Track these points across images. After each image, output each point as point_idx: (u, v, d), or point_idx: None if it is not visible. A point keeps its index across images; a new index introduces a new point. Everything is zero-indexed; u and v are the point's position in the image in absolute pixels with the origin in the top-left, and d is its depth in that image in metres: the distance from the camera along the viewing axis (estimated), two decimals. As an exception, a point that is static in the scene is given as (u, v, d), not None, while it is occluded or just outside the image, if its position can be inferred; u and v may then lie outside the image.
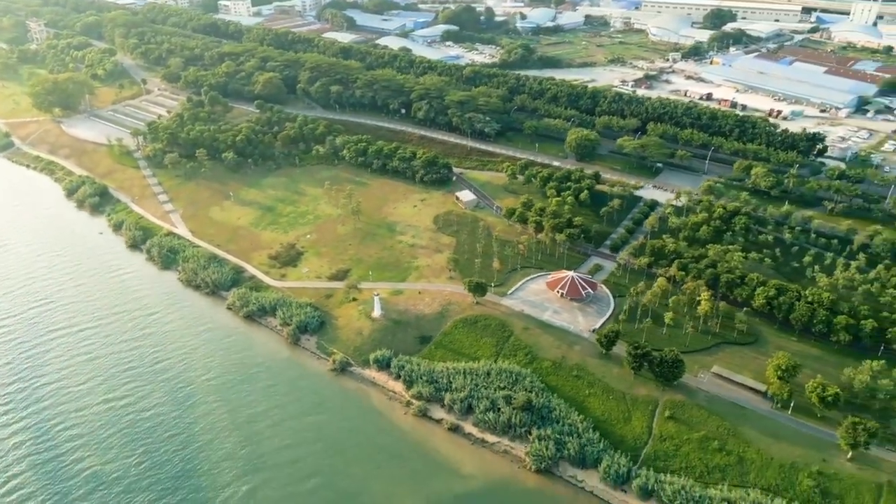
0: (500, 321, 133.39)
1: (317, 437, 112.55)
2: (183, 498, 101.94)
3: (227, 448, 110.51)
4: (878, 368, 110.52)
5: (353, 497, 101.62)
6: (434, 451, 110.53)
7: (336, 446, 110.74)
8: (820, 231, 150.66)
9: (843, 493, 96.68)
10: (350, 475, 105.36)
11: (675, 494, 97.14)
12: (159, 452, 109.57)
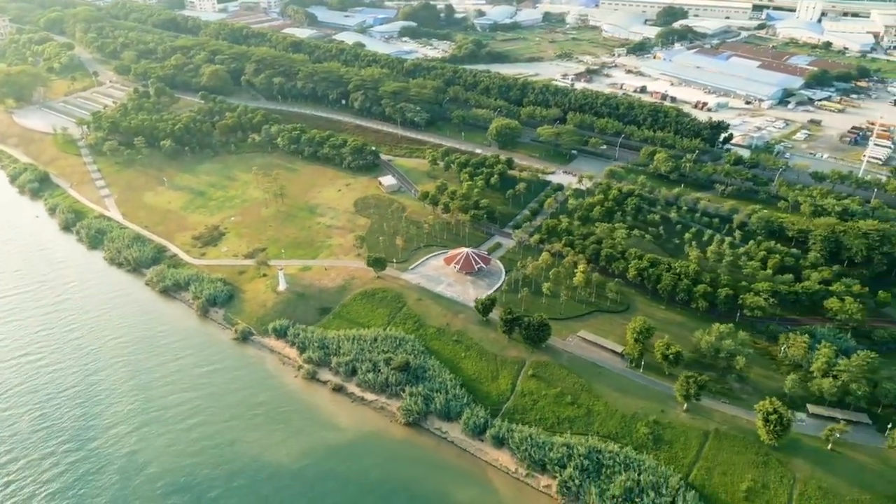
0: (396, 293, 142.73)
1: (208, 394, 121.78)
2: (74, 434, 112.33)
3: (122, 398, 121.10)
4: (724, 331, 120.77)
5: (230, 443, 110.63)
6: (316, 409, 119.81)
7: (223, 401, 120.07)
8: (706, 211, 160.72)
9: (673, 440, 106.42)
10: (231, 426, 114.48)
11: (521, 441, 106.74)
12: (59, 399, 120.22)
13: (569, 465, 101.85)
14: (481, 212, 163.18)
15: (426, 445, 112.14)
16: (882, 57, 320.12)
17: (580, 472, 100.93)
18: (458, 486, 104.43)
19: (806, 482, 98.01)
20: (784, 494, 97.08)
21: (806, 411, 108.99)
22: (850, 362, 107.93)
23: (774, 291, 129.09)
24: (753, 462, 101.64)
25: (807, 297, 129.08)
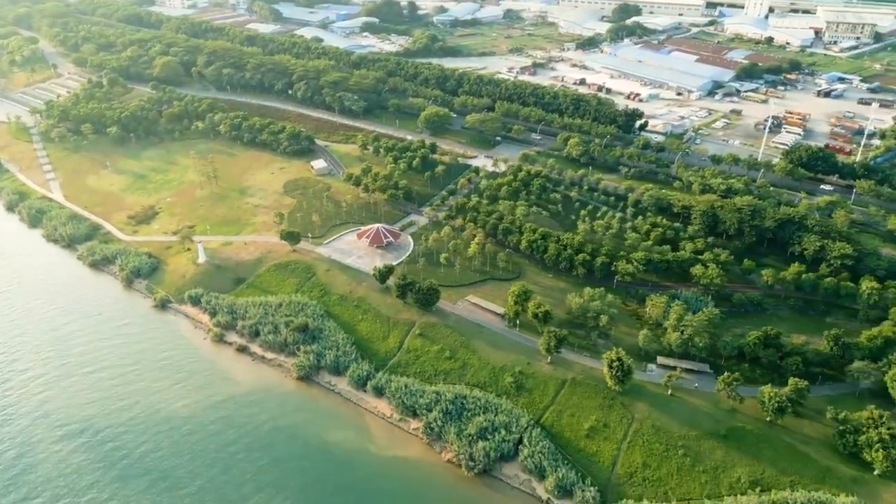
0: (307, 265, 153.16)
1: (120, 352, 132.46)
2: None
3: (40, 351, 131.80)
4: (594, 294, 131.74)
5: (132, 393, 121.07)
6: (218, 366, 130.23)
7: (133, 358, 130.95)
8: (605, 190, 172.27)
9: (534, 387, 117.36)
10: (137, 379, 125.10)
11: (397, 390, 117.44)
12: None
13: (435, 410, 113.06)
14: (399, 192, 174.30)
15: (315, 396, 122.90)
16: (820, 51, 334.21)
17: (444, 415, 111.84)
18: (338, 429, 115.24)
19: (642, 421, 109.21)
20: (621, 431, 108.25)
21: (655, 362, 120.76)
22: (694, 318, 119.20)
23: (648, 260, 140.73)
24: (600, 405, 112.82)
25: (678, 265, 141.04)
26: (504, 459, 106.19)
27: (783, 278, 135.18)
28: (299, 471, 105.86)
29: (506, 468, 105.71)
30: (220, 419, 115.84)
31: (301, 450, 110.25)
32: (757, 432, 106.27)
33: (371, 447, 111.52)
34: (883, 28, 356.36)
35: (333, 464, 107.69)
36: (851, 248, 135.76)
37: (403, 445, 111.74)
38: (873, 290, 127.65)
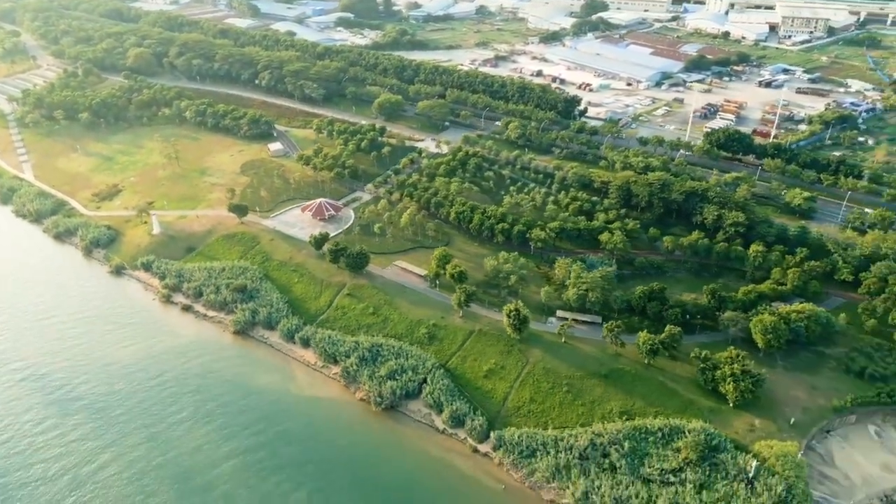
0: (253, 235, 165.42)
1: (72, 310, 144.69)
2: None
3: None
4: (508, 258, 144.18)
5: (80, 342, 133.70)
6: (163, 322, 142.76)
7: (85, 315, 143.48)
8: (536, 169, 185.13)
9: (444, 337, 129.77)
10: (86, 331, 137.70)
11: (321, 340, 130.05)
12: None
13: (352, 356, 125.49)
14: (345, 170, 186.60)
15: (249, 347, 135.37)
16: (773, 45, 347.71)
17: (360, 361, 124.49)
18: (265, 374, 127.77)
19: (535, 364, 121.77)
20: (515, 373, 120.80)
21: (555, 316, 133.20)
22: (589, 276, 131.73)
23: (562, 228, 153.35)
24: (500, 351, 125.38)
25: (588, 233, 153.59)
26: (409, 397, 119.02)
27: (682, 244, 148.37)
28: (223, 404, 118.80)
29: (410, 404, 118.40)
30: (157, 364, 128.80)
31: (228, 388, 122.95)
32: (634, 372, 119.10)
33: (293, 388, 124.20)
34: (836, 23, 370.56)
35: (257, 400, 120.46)
36: (745, 216, 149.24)
37: (323, 387, 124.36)
38: (759, 253, 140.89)
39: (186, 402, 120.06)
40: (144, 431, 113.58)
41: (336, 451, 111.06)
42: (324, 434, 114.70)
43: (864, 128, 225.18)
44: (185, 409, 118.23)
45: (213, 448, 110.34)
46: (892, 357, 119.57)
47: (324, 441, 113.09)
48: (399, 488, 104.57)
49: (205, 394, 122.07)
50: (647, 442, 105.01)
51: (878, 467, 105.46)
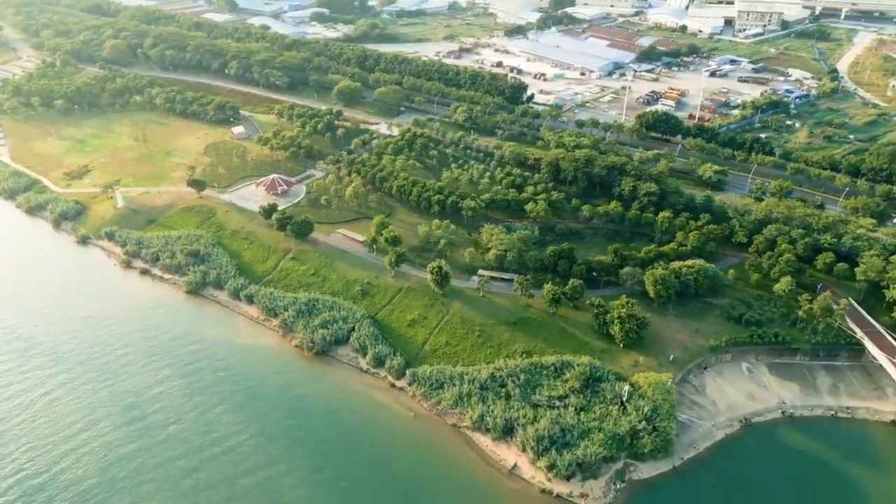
0: (210, 208, 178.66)
1: (38, 274, 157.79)
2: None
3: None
4: (440, 225, 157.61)
5: (44, 301, 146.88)
6: (122, 284, 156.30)
7: (48, 277, 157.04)
8: (478, 148, 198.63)
9: (376, 293, 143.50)
10: (50, 292, 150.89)
11: (263, 297, 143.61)
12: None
13: (290, 310, 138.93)
14: (300, 150, 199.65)
15: (199, 304, 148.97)
16: (727, 38, 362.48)
17: (297, 313, 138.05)
18: (212, 326, 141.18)
19: (454, 314, 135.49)
20: (435, 321, 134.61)
21: (477, 274, 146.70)
22: (507, 238, 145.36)
23: (493, 199, 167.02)
24: (424, 304, 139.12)
25: (517, 204, 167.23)
26: (338, 343, 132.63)
27: (598, 212, 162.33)
28: (169, 350, 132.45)
29: (339, 350, 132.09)
30: (113, 318, 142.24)
31: (177, 337, 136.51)
32: (539, 320, 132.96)
33: (237, 338, 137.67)
34: (790, 17, 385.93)
35: (202, 346, 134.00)
36: (657, 187, 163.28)
37: (263, 337, 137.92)
38: (665, 219, 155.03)
39: (138, 347, 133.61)
40: (96, 368, 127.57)
41: (272, 388, 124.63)
42: (261, 374, 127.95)
43: (794, 112, 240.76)
44: (136, 353, 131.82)
45: (155, 383, 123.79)
46: (769, 306, 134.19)
47: (261, 380, 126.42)
48: (325, 418, 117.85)
49: (155, 342, 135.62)
50: (540, 375, 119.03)
51: (743, 396, 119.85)
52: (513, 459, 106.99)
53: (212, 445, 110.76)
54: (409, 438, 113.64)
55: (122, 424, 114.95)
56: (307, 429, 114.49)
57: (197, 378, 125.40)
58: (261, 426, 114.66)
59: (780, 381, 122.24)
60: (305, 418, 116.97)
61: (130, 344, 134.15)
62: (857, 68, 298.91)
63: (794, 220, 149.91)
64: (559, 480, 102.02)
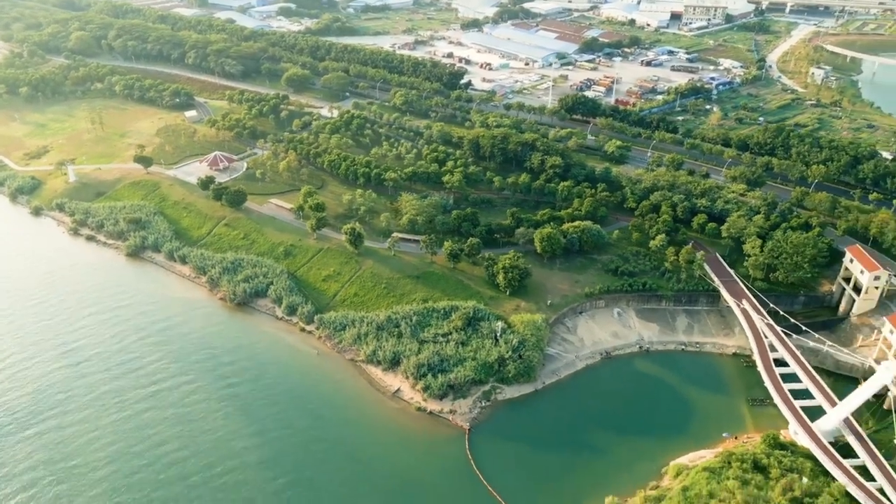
0: (155, 182, 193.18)
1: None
2: None
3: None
4: (363, 194, 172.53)
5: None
6: (68, 249, 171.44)
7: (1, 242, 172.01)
8: (409, 128, 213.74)
9: (298, 254, 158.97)
10: (3, 255, 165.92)
11: (195, 257, 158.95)
12: None
13: (217, 267, 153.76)
14: (245, 130, 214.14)
15: (138, 265, 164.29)
16: (672, 31, 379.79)
17: (222, 270, 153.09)
18: (147, 283, 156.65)
19: (365, 270, 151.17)
20: (348, 276, 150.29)
21: (391, 237, 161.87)
22: (418, 204, 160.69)
23: (414, 172, 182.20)
24: (340, 262, 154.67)
25: (436, 176, 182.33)
26: (258, 295, 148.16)
27: (508, 183, 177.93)
28: (105, 299, 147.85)
29: (259, 301, 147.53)
30: (58, 274, 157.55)
31: (114, 292, 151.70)
32: (440, 274, 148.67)
33: (169, 292, 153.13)
34: (734, 11, 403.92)
35: (137, 299, 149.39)
36: (562, 161, 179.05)
37: (192, 291, 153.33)
38: (565, 188, 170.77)
39: (75, 297, 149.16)
40: (34, 307, 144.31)
41: (196, 333, 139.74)
42: (188, 322, 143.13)
43: (715, 98, 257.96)
44: (73, 301, 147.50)
45: (89, 326, 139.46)
46: (644, 260, 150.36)
47: (187, 327, 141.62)
48: (240, 355, 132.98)
49: (94, 294, 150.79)
50: (431, 317, 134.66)
51: (608, 335, 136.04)
52: (397, 385, 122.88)
53: (135, 370, 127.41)
54: (312, 371, 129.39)
55: (55, 355, 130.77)
56: (222, 362, 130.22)
57: (130, 325, 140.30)
58: (179, 357, 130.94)
59: (644, 323, 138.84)
60: (222, 355, 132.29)
61: (69, 294, 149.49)
62: (787, 58, 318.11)
63: (677, 187, 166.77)
64: (433, 400, 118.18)
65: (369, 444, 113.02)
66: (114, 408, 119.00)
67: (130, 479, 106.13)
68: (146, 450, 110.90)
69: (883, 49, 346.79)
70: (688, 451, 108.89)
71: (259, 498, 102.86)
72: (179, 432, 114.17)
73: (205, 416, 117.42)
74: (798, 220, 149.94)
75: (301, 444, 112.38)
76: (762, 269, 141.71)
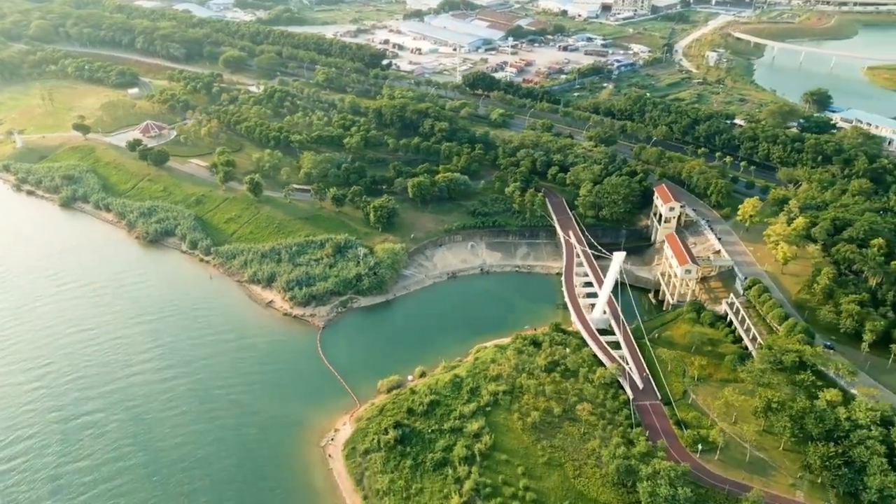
0: (92, 147, 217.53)
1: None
2: None
3: None
4: (270, 154, 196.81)
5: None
6: (9, 202, 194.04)
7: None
8: (325, 100, 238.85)
9: (207, 202, 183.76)
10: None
11: (117, 206, 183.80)
12: None
13: (135, 212, 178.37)
14: (178, 103, 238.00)
15: (69, 213, 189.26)
16: (599, 20, 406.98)
17: (139, 215, 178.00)
18: (77, 226, 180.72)
19: (263, 213, 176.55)
20: (247, 219, 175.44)
21: (287, 187, 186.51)
22: (314, 160, 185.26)
23: (319, 135, 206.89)
24: (242, 208, 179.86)
25: (338, 139, 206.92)
26: (168, 234, 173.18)
27: (401, 145, 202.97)
28: (34, 238, 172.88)
29: (168, 239, 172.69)
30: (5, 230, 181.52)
31: (44, 233, 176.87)
32: (327, 216, 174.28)
33: (92, 234, 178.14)
34: (660, 2, 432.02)
35: (64, 239, 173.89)
36: (448, 125, 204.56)
37: (113, 234, 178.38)
38: (447, 148, 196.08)
39: (12, 234, 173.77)
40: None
41: (114, 266, 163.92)
42: (108, 258, 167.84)
43: (615, 77, 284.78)
44: (9, 235, 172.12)
45: (20, 253, 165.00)
46: (500, 204, 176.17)
47: (108, 262, 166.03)
48: (151, 279, 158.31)
49: (28, 232, 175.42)
50: (308, 248, 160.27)
51: (458, 261, 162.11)
52: (271, 297, 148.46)
53: (55, 291, 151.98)
54: (205, 290, 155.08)
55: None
56: (131, 285, 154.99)
57: (55, 262, 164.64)
58: (93, 280, 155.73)
59: (490, 252, 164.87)
60: (132, 279, 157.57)
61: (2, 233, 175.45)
62: (693, 44, 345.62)
63: (539, 146, 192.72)
64: (298, 307, 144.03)
65: (245, 338, 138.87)
66: (32, 312, 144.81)
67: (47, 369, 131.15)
68: (66, 345, 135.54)
69: (790, 36, 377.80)
70: (494, 339, 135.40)
71: (155, 379, 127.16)
72: (89, 336, 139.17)
73: (114, 328, 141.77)
74: (628, 168, 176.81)
75: (193, 342, 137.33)
76: (592, 209, 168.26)
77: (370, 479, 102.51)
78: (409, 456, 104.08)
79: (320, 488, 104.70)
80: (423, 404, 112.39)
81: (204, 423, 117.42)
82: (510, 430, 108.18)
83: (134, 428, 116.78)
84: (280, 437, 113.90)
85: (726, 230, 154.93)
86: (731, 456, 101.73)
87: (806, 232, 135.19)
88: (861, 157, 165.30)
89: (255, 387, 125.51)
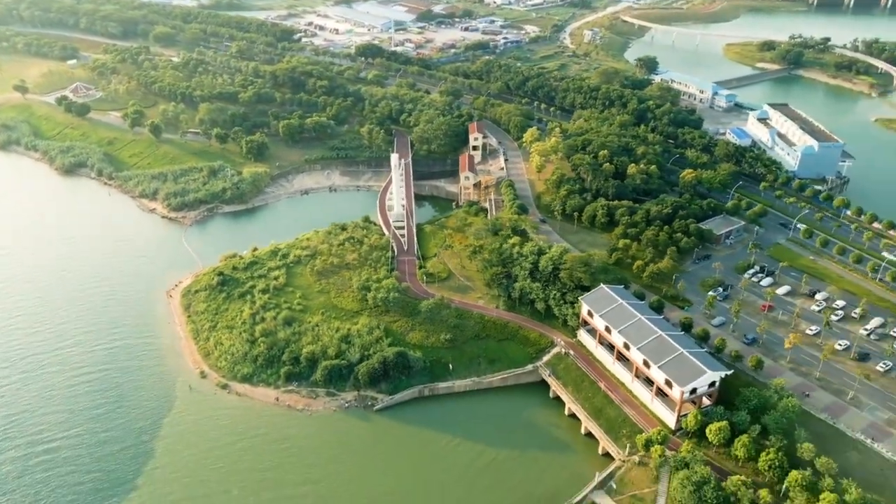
0: (28, 105, 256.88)
1: None
2: None
3: None
4: (175, 106, 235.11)
5: None
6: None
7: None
8: (236, 68, 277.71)
9: (118, 143, 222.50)
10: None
11: (42, 147, 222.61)
12: None
13: (56, 150, 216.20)
14: (107, 71, 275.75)
15: (6, 154, 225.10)
16: (509, 6, 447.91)
17: (59, 152, 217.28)
18: (9, 162, 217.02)
19: (161, 150, 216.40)
20: (148, 154, 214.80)
21: (186, 131, 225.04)
22: (209, 108, 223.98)
23: (220, 92, 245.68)
24: (144, 146, 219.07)
25: (235, 94, 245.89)
26: (80, 166, 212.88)
27: (286, 99, 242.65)
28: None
29: (80, 169, 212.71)
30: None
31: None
32: (213, 151, 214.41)
33: (21, 167, 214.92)
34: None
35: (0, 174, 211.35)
36: (328, 83, 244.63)
37: (36, 167, 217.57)
38: (323, 100, 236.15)
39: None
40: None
41: (35, 188, 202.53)
42: (31, 185, 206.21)
43: (499, 52, 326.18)
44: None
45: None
46: (356, 141, 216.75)
47: (30, 187, 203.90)
48: (59, 201, 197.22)
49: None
50: (190, 172, 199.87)
51: (312, 183, 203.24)
52: (154, 207, 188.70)
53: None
54: (105, 205, 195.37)
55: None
56: (46, 202, 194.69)
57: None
58: (18, 200, 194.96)
59: (340, 177, 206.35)
60: (47, 199, 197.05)
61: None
62: (584, 26, 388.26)
63: (398, 98, 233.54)
64: (173, 211, 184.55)
65: (128, 234, 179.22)
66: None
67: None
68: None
69: (677, 20, 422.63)
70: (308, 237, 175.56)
71: (53, 256, 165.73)
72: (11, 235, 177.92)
73: (32, 233, 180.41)
74: (458, 113, 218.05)
75: (88, 238, 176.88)
76: (425, 143, 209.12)
77: (195, 306, 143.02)
78: (224, 292, 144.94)
79: (161, 313, 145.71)
80: (245, 263, 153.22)
81: (89, 280, 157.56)
82: (301, 275, 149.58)
83: (30, 287, 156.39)
84: (140, 289, 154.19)
85: (516, 154, 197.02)
86: (448, 284, 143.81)
87: (555, 148, 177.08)
88: (632, 101, 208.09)
89: (129, 263, 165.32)
